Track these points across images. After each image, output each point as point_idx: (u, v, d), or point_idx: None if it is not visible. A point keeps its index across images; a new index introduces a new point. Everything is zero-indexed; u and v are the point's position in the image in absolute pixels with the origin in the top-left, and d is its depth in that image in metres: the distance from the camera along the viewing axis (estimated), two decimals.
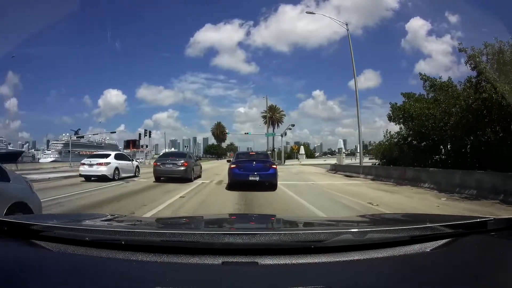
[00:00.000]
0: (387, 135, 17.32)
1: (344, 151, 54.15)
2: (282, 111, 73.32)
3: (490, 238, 1.25)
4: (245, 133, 56.91)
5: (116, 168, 13.83)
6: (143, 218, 3.12)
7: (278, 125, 69.05)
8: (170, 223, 2.06)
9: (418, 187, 11.44)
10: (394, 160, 16.56)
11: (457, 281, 0.94)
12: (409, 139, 15.22)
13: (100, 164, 13.41)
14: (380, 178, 14.98)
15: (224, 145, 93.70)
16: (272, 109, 68.89)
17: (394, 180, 13.67)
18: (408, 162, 14.63)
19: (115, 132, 49.90)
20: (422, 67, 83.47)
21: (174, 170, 12.62)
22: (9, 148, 65.46)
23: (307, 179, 15.98)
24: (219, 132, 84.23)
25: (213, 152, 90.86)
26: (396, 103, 15.80)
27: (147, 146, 49.21)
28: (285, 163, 43.20)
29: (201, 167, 16.03)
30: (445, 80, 14.65)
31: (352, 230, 1.29)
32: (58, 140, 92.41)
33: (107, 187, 11.14)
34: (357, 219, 2.12)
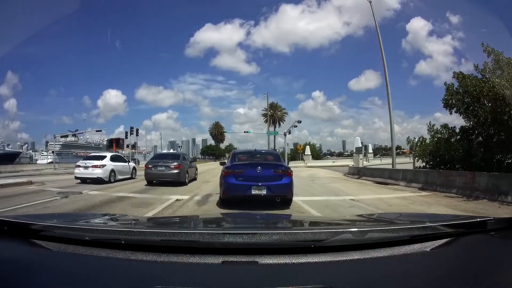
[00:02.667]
0: (431, 129, 13.30)
1: (364, 151, 46.16)
2: (283, 109, 68.57)
3: (490, 237, 1.24)
4: (245, 132, 48.69)
5: (112, 170, 13.26)
6: (143, 217, 2.97)
7: (279, 124, 65.02)
8: (170, 223, 2.05)
9: (501, 203, 7.73)
10: (447, 162, 12.43)
11: (457, 281, 0.94)
12: (476, 132, 11.10)
13: (96, 166, 12.82)
14: (434, 187, 10.75)
15: (222, 146, 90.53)
16: (273, 106, 64.78)
17: (458, 190, 9.58)
18: (476, 164, 10.58)
19: (101, 130, 44.73)
20: (423, 67, 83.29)
21: (167, 173, 11.82)
22: (7, 149, 64.16)
23: (335, 190, 11.23)
24: (217, 132, 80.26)
25: (211, 153, 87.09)
26: (452, 84, 11.77)
27: (133, 146, 45.39)
28: (289, 165, 39.41)
29: (196, 169, 15.26)
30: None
31: (352, 229, 1.27)
32: (55, 141, 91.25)
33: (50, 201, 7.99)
34: (357, 218, 2.09)
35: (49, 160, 60.29)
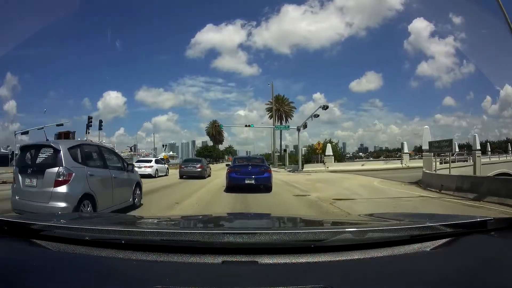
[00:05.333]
0: None
1: (457, 149, 30.53)
2: (291, 102, 58.42)
3: (490, 237, 1.23)
4: (247, 126, 39.87)
5: (156, 169, 19.74)
6: (143, 217, 2.86)
7: (286, 120, 55.14)
8: (170, 222, 2.02)
9: None
10: None
11: (457, 281, 0.93)
12: None
13: (147, 166, 19.15)
14: None
15: (222, 147, 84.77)
16: (279, 100, 54.72)
17: None
18: None
19: (62, 124, 34.69)
20: (424, 68, 78.59)
21: (194, 171, 17.92)
22: (2, 150, 60.52)
23: None
24: (215, 131, 71.87)
25: (207, 154, 74.12)
26: None
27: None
28: (304, 169, 29.83)
29: (210, 169, 21.19)
30: None
31: (352, 229, 1.26)
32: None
33: None
34: (357, 218, 2.11)
35: None
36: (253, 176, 10.28)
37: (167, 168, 22.66)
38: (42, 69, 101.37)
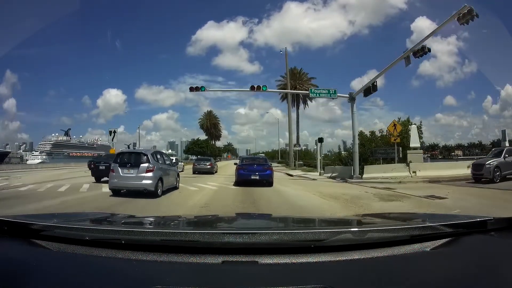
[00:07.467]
0: None
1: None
2: (312, 78, 40.91)
3: (490, 237, 1.23)
4: (254, 88, 17.04)
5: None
6: (143, 217, 2.81)
7: (305, 102, 40.42)
8: (170, 223, 2.03)
9: None
10: None
11: (457, 281, 0.94)
12: None
13: None
14: None
15: (219, 144, 77.39)
16: (295, 74, 39.08)
17: None
18: None
19: None
20: (426, 67, 78.21)
21: (204, 168, 22.34)
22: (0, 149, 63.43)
23: None
24: (210, 124, 62.43)
25: (199, 151, 58.52)
26: None
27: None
28: (365, 175, 15.04)
29: (217, 166, 25.94)
30: None
31: (352, 229, 1.27)
32: (46, 141, 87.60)
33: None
34: (357, 218, 2.11)
35: (39, 161, 59.44)
36: (257, 173, 12.49)
37: (183, 165, 27.43)
38: (42, 67, 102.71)
